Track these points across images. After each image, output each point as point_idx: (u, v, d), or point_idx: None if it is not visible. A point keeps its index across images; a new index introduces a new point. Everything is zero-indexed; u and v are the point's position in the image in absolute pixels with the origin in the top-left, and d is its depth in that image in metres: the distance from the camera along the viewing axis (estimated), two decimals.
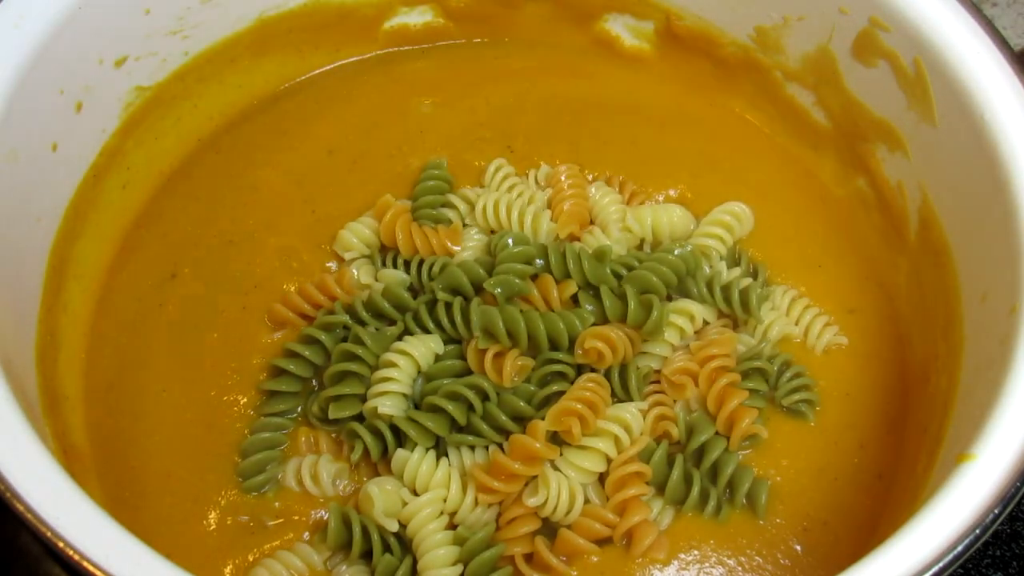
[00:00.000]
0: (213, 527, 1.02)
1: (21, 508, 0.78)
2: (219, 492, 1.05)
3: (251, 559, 1.00)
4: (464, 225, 1.21)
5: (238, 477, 1.05)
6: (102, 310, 1.18)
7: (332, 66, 1.44)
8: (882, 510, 1.07)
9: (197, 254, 1.22)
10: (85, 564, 0.76)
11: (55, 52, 1.07)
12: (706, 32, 1.38)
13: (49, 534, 0.77)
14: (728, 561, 1.02)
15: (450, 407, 1.02)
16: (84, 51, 1.13)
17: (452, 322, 1.08)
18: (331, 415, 1.05)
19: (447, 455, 1.03)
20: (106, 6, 1.13)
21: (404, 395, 1.05)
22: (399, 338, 1.09)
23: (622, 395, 1.08)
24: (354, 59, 1.45)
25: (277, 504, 1.04)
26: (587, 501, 1.03)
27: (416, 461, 1.00)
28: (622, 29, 1.45)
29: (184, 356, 1.14)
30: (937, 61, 1.10)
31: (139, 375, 1.13)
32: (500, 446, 1.03)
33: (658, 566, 1.01)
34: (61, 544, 0.77)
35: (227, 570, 1.00)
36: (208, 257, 1.22)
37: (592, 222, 1.23)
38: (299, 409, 1.10)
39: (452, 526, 1.00)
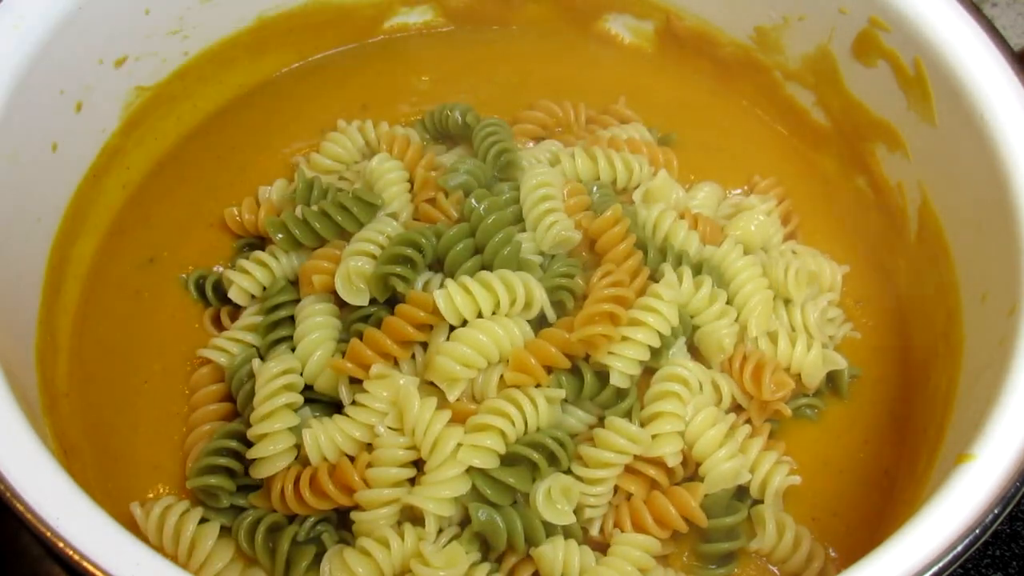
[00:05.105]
0: None
1: (21, 508, 0.78)
2: None
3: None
4: None
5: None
6: (87, 299, 1.17)
7: (331, 52, 1.44)
8: (890, 507, 1.07)
9: (177, 238, 1.21)
10: (85, 564, 0.76)
11: (55, 52, 1.07)
12: (706, 32, 1.38)
13: (49, 534, 0.77)
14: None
15: None
16: (84, 51, 1.13)
17: None
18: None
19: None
20: (106, 6, 1.13)
21: None
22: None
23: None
24: (353, 45, 1.45)
25: None
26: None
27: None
28: (622, 28, 1.45)
29: (162, 346, 1.13)
30: (937, 61, 1.10)
31: (121, 366, 1.12)
32: None
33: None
34: (61, 544, 0.77)
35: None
36: (187, 240, 1.21)
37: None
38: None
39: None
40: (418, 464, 0.98)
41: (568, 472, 0.99)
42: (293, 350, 1.04)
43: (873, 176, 1.27)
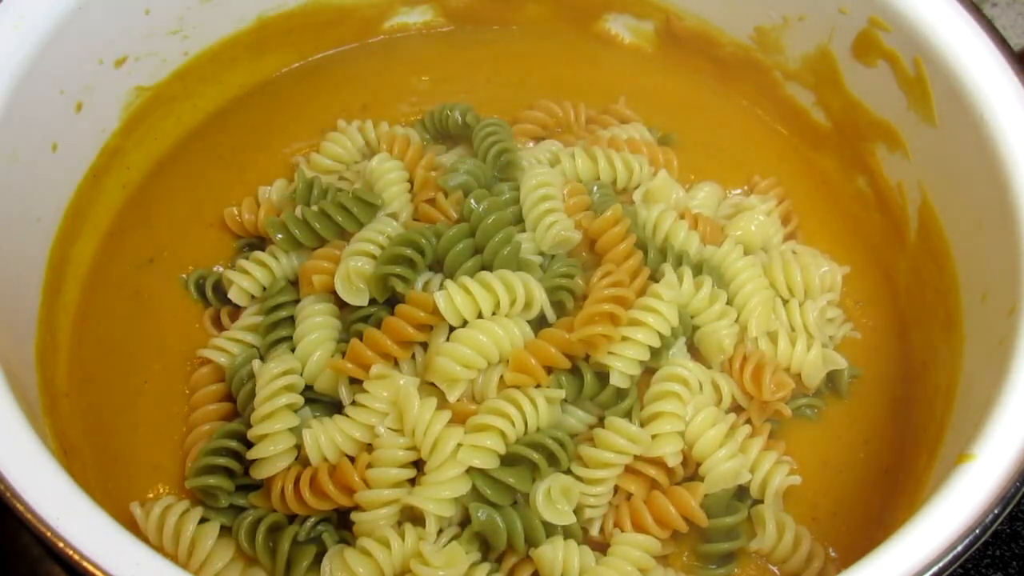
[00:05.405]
0: None
1: (21, 508, 0.78)
2: None
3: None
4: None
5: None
6: (87, 299, 1.17)
7: (331, 52, 1.43)
8: (890, 507, 1.07)
9: (177, 238, 1.21)
10: (85, 564, 0.76)
11: (55, 52, 1.07)
12: (706, 32, 1.38)
13: (49, 534, 0.77)
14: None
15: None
16: (84, 51, 1.13)
17: None
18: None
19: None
20: (106, 6, 1.13)
21: None
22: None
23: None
24: (353, 45, 1.45)
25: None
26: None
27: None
28: (622, 28, 1.45)
29: (162, 346, 1.13)
30: (937, 61, 1.10)
31: (121, 366, 1.12)
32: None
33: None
34: (61, 544, 0.77)
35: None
36: (187, 240, 1.21)
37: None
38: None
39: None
40: (418, 464, 0.98)
41: (568, 472, 0.99)
42: (293, 350, 1.04)
43: (873, 176, 1.27)
